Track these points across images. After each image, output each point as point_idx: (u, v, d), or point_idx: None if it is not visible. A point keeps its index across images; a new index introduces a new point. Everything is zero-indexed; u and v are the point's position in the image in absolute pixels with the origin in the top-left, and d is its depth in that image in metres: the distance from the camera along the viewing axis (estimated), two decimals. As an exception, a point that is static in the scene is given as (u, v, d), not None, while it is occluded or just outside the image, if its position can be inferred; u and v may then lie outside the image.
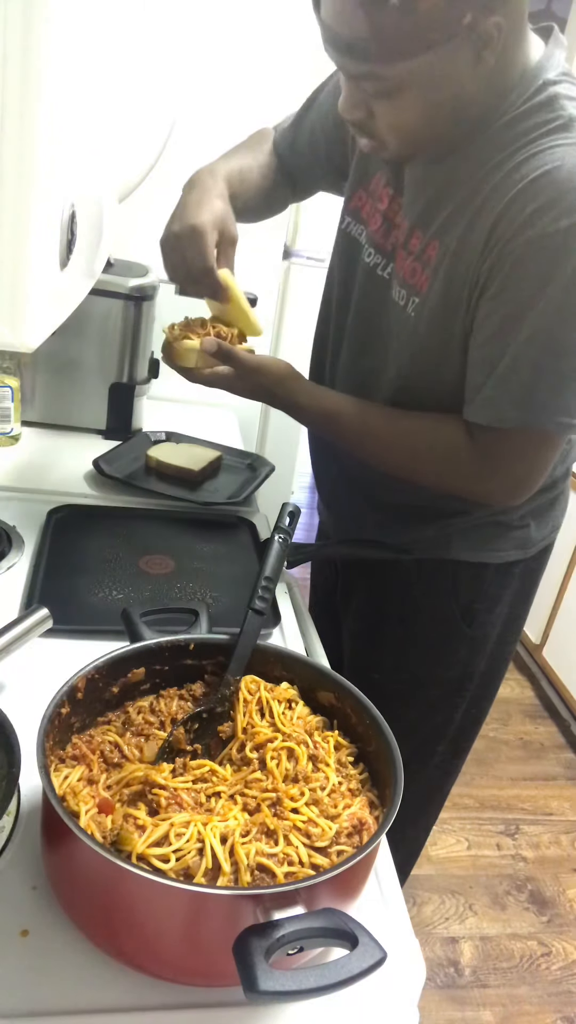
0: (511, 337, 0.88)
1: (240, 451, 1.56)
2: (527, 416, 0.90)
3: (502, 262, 0.87)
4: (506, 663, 1.25)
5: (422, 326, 0.97)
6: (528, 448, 0.94)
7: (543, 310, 0.85)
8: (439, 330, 0.96)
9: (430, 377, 0.99)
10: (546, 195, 0.83)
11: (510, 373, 0.89)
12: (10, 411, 1.40)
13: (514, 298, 0.87)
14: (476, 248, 0.89)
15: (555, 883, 1.95)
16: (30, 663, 0.86)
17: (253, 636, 0.78)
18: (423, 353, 0.99)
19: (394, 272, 1.02)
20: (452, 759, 1.29)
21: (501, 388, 0.90)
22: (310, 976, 0.50)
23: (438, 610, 1.14)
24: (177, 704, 0.77)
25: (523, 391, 0.89)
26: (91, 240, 0.91)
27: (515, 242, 0.85)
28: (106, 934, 0.61)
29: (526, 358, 0.88)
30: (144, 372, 1.56)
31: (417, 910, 1.81)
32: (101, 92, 0.86)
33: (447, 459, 0.98)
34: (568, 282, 0.83)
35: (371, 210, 1.06)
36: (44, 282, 0.68)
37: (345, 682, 0.76)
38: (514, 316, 0.87)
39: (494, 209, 0.87)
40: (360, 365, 1.10)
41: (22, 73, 0.57)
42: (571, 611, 2.41)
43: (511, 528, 1.10)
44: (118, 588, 1.08)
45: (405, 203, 1.00)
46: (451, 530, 1.09)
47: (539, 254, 0.84)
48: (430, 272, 0.95)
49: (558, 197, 0.82)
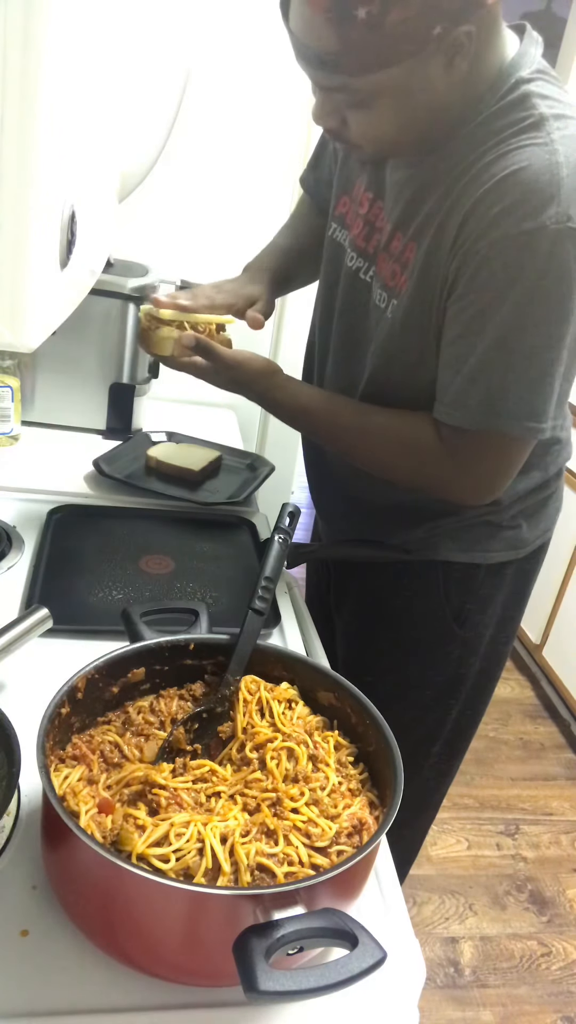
0: (478, 338, 0.88)
1: (240, 451, 1.56)
2: (495, 420, 0.89)
3: (468, 262, 0.87)
4: (501, 664, 1.25)
5: (399, 327, 0.98)
6: (496, 450, 0.94)
7: (509, 312, 0.85)
8: (415, 331, 0.96)
9: (407, 378, 0.99)
10: (511, 196, 0.82)
11: (478, 375, 0.89)
12: (10, 411, 1.40)
13: (479, 299, 0.87)
14: (446, 248, 0.89)
15: (555, 883, 1.95)
16: (30, 663, 0.86)
17: (253, 636, 0.78)
18: (401, 354, 0.99)
19: (375, 275, 1.03)
20: (448, 760, 1.29)
21: (469, 389, 0.90)
22: (310, 976, 0.50)
23: (429, 611, 1.14)
24: (177, 704, 0.77)
25: (491, 394, 0.89)
26: (91, 240, 0.91)
27: (480, 243, 0.85)
28: (106, 934, 0.61)
29: (494, 361, 0.88)
30: (144, 372, 1.56)
31: (417, 910, 1.81)
32: (101, 92, 0.86)
33: (415, 456, 0.99)
34: (532, 284, 0.83)
35: (353, 215, 1.07)
36: (44, 282, 0.68)
37: (345, 682, 0.76)
38: (480, 317, 0.87)
39: (463, 209, 0.87)
40: (345, 369, 1.11)
41: (22, 73, 0.57)
42: (571, 611, 2.41)
43: (502, 528, 1.10)
44: (118, 588, 1.08)
45: (387, 206, 1.00)
46: (440, 531, 1.09)
47: (503, 255, 0.83)
48: (408, 274, 0.96)
49: (523, 199, 0.82)
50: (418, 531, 1.10)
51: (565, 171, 0.81)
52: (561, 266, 0.82)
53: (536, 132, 0.84)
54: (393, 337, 0.99)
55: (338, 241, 1.11)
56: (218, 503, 1.34)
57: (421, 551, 1.11)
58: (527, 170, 0.82)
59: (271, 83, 1.71)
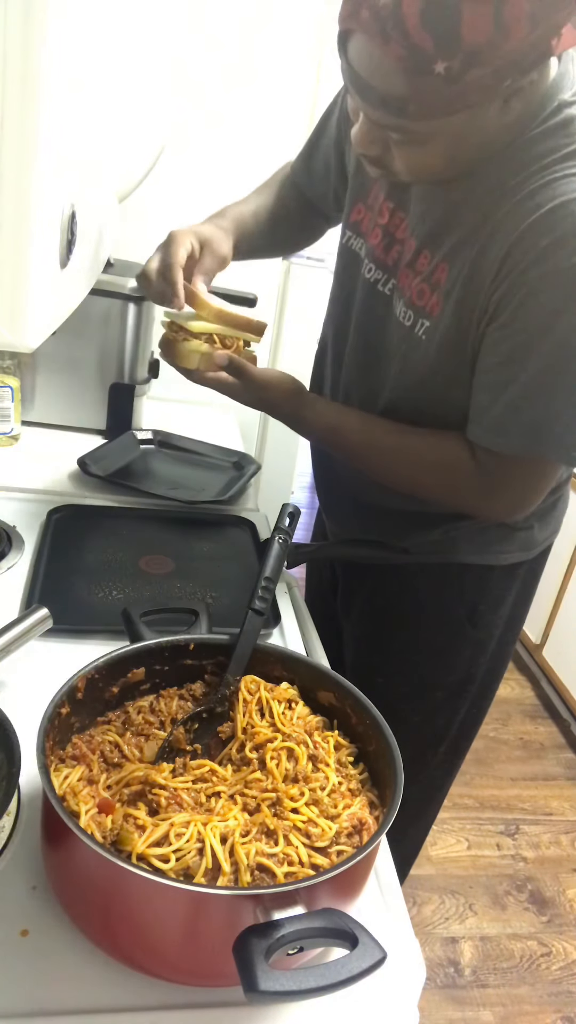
0: (521, 366, 0.88)
1: (227, 449, 1.56)
2: (538, 447, 0.91)
3: (513, 292, 0.86)
4: (506, 663, 1.25)
5: (433, 349, 0.97)
6: (532, 474, 0.96)
7: (556, 343, 0.85)
8: (450, 354, 0.95)
9: (435, 397, 0.99)
10: (562, 229, 0.81)
11: (521, 402, 0.89)
12: (10, 411, 1.40)
13: (525, 328, 0.86)
14: (487, 275, 0.88)
15: (555, 883, 1.95)
16: (30, 663, 0.86)
17: (253, 636, 0.78)
18: (432, 376, 0.98)
19: (397, 289, 1.01)
20: (452, 759, 1.29)
21: (511, 414, 0.90)
22: (310, 976, 0.50)
23: (444, 612, 1.14)
24: (177, 704, 0.77)
25: (535, 422, 0.89)
26: (91, 240, 0.91)
27: (528, 274, 0.84)
28: (106, 934, 0.61)
29: (539, 389, 0.88)
30: (144, 372, 1.56)
31: (417, 910, 1.81)
32: (101, 92, 0.86)
33: (449, 476, 0.99)
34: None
35: (371, 224, 1.05)
36: (44, 282, 0.68)
37: (345, 682, 0.76)
38: (525, 346, 0.87)
39: (507, 237, 0.85)
40: (365, 382, 1.10)
41: (22, 74, 0.57)
42: (571, 611, 2.41)
43: (516, 530, 1.10)
44: (118, 588, 1.08)
45: (411, 220, 0.98)
46: (457, 533, 1.09)
47: (554, 288, 0.83)
48: (440, 295, 0.94)
49: (574, 231, 0.81)
50: (434, 533, 1.10)
51: None
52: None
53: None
54: (427, 359, 0.98)
55: (354, 250, 1.09)
56: (204, 501, 1.34)
57: (436, 553, 1.11)
58: (573, 201, 0.81)
59: (272, 82, 1.71)
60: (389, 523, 1.14)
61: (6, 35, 0.55)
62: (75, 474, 1.36)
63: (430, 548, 1.11)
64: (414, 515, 1.10)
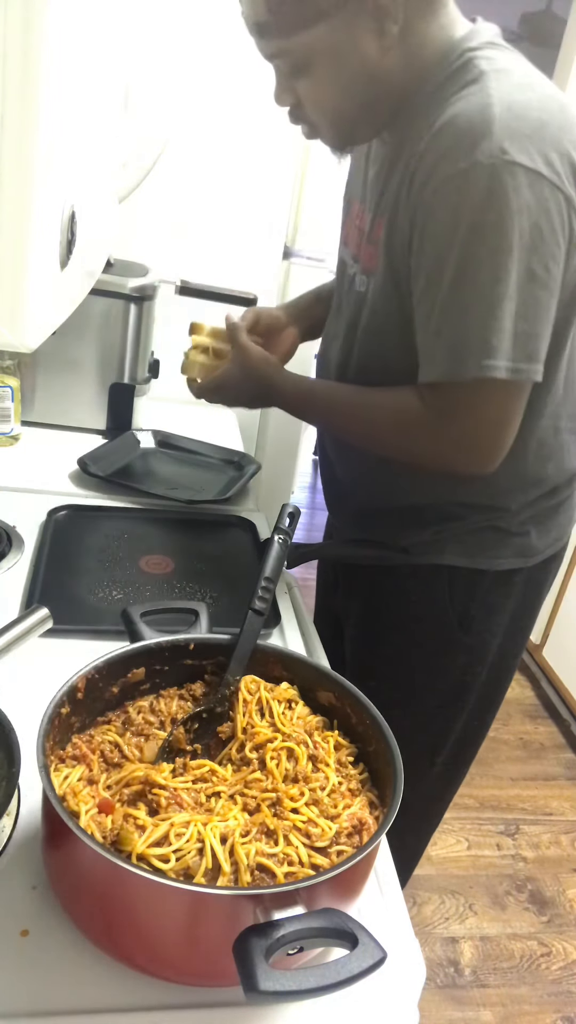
0: (437, 289, 0.88)
1: (227, 449, 1.56)
2: (460, 367, 0.88)
3: (418, 216, 0.89)
4: (510, 675, 1.23)
5: (378, 304, 1.00)
6: (471, 402, 0.92)
7: (458, 254, 0.85)
8: (392, 303, 0.97)
9: (396, 356, 0.99)
10: (447, 142, 0.84)
11: (441, 326, 0.89)
12: (10, 411, 1.40)
13: (433, 249, 0.88)
14: (403, 211, 0.92)
15: (555, 883, 1.95)
16: (30, 663, 0.86)
17: (253, 636, 0.78)
18: (385, 334, 1.01)
19: (360, 266, 1.06)
20: (453, 770, 1.27)
21: (434, 340, 0.90)
22: (310, 976, 0.50)
23: (433, 616, 1.13)
24: (177, 704, 0.77)
25: (453, 341, 0.88)
26: (91, 240, 0.91)
27: (424, 194, 0.87)
28: (106, 934, 0.61)
29: (451, 307, 0.88)
30: (144, 372, 1.56)
31: (417, 910, 1.81)
32: (101, 92, 0.86)
33: (403, 424, 0.99)
34: (475, 222, 0.83)
35: (352, 230, 1.09)
36: (44, 282, 0.68)
37: (345, 682, 0.76)
38: (436, 267, 0.88)
39: (411, 166, 0.90)
40: (344, 361, 1.12)
41: (22, 74, 0.57)
42: (571, 611, 2.41)
43: (510, 535, 1.09)
44: (118, 588, 1.08)
45: (368, 202, 1.03)
46: (446, 535, 1.08)
47: (446, 199, 0.85)
48: (378, 248, 0.98)
49: (456, 142, 0.83)
50: (423, 534, 1.10)
51: (497, 110, 0.82)
52: (500, 198, 0.81)
53: (475, 86, 0.86)
54: (375, 315, 1.01)
55: (342, 258, 1.13)
56: (204, 501, 1.34)
57: (425, 554, 1.10)
58: (459, 116, 0.84)
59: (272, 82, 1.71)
60: (382, 520, 1.14)
61: (6, 35, 0.55)
62: (75, 474, 1.36)
63: (420, 549, 1.10)
64: (405, 513, 1.10)
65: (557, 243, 0.85)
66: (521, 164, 0.81)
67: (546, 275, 0.85)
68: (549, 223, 0.83)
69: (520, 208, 0.81)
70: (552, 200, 0.83)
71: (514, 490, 1.05)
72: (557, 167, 0.83)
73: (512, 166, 0.81)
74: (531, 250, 0.83)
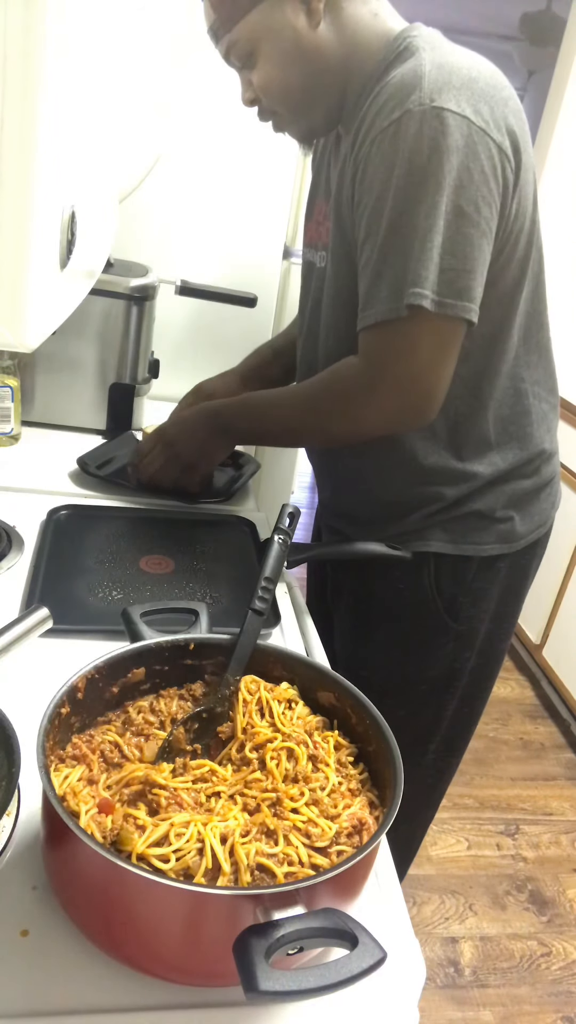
0: (375, 235, 0.93)
1: None
2: (392, 302, 0.92)
3: (358, 170, 0.95)
4: (499, 661, 1.25)
5: (332, 271, 1.04)
6: (406, 340, 0.94)
7: (394, 197, 0.90)
8: (345, 265, 1.02)
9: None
10: (383, 100, 0.90)
11: (382, 267, 0.92)
12: (10, 411, 1.40)
13: (370, 197, 0.93)
14: (347, 173, 0.98)
15: (555, 883, 1.95)
16: (30, 663, 0.86)
17: (253, 636, 0.78)
18: (345, 303, 1.03)
19: (316, 248, 1.12)
20: (447, 758, 1.29)
21: (375, 283, 0.93)
22: (310, 976, 0.50)
23: (421, 604, 1.14)
24: (177, 704, 0.77)
25: (394, 281, 0.91)
26: (91, 240, 0.91)
27: (363, 148, 0.93)
28: (106, 934, 0.61)
29: (390, 248, 0.91)
30: (144, 372, 1.56)
31: (417, 910, 1.81)
32: (101, 93, 0.86)
33: (340, 386, 1.02)
34: (408, 165, 0.88)
35: (316, 229, 1.14)
36: (44, 282, 0.68)
37: (345, 682, 0.76)
38: (375, 214, 0.92)
39: (356, 134, 0.96)
40: (311, 344, 1.16)
41: (23, 74, 0.57)
42: (571, 611, 2.41)
43: (493, 521, 1.10)
44: (118, 588, 1.08)
45: (330, 192, 1.08)
46: (431, 522, 1.10)
47: (380, 148, 0.90)
48: (330, 219, 1.04)
49: (390, 97, 0.90)
50: (408, 522, 1.11)
51: (428, 67, 0.89)
52: (431, 140, 0.87)
53: (411, 58, 0.92)
54: (333, 285, 1.05)
55: (308, 260, 1.17)
56: (204, 501, 1.33)
57: (411, 543, 1.11)
58: (395, 77, 0.91)
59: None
60: (365, 510, 1.15)
61: (6, 36, 0.55)
62: (75, 474, 1.36)
63: (406, 538, 1.11)
64: (390, 504, 1.12)
65: (488, 185, 0.90)
66: (449, 109, 0.87)
67: (476, 215, 0.90)
68: (479, 165, 0.89)
69: (448, 148, 0.87)
70: (481, 144, 0.88)
71: (479, 455, 1.07)
72: (485, 116, 0.88)
73: (441, 111, 0.87)
74: (459, 188, 0.88)
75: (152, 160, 1.38)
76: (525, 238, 0.98)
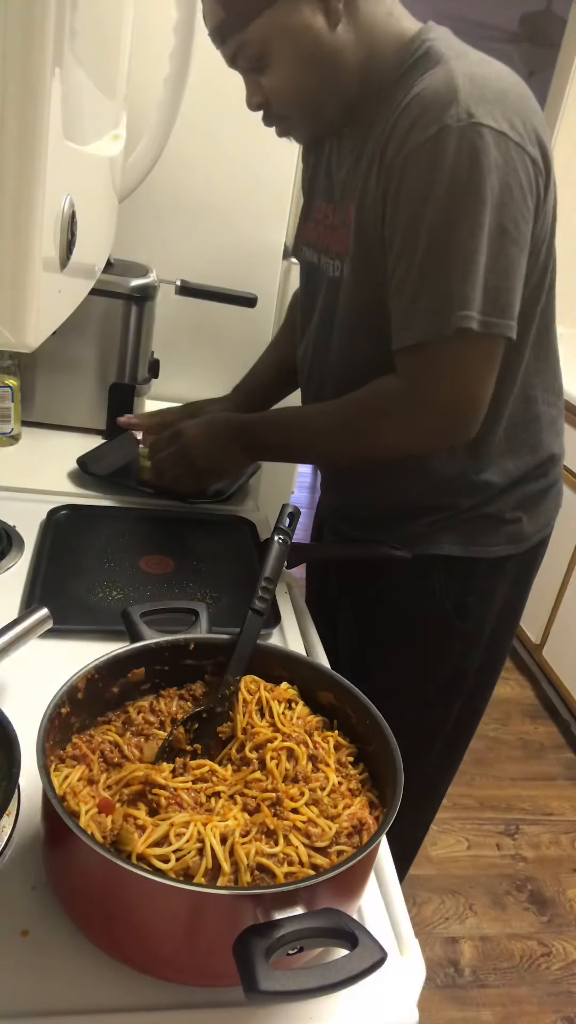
0: (411, 254, 0.91)
1: None
2: (438, 322, 0.90)
3: (391, 185, 0.92)
4: (502, 659, 1.25)
5: (352, 282, 1.01)
6: (450, 359, 0.93)
7: (433, 216, 0.88)
8: (367, 277, 0.99)
9: (378, 340, 0.99)
10: (416, 112, 0.88)
11: (420, 285, 0.91)
12: (10, 411, 1.40)
13: (407, 215, 0.90)
14: (373, 187, 0.95)
15: (555, 883, 1.95)
16: (30, 663, 0.86)
17: (253, 636, 0.78)
18: (364, 316, 1.02)
19: (327, 256, 1.09)
20: (449, 756, 1.29)
21: (412, 305, 0.92)
22: (310, 976, 0.50)
23: (431, 606, 1.14)
24: (177, 704, 0.77)
25: (434, 302, 0.90)
26: (91, 240, 0.91)
27: (396, 163, 0.90)
28: (106, 934, 0.61)
29: (431, 268, 0.90)
30: (144, 372, 1.56)
31: (417, 910, 1.81)
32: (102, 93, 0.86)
33: (379, 404, 1.00)
34: (448, 182, 0.87)
35: (318, 230, 1.11)
36: (44, 282, 0.68)
37: (345, 682, 0.76)
38: (409, 232, 0.91)
39: (381, 144, 0.93)
40: (322, 354, 1.13)
41: (23, 73, 0.57)
42: (571, 611, 2.41)
43: (503, 522, 1.10)
44: (118, 588, 1.08)
45: (335, 200, 1.05)
46: (440, 525, 1.10)
47: (417, 164, 0.88)
48: (349, 230, 1.00)
49: (424, 111, 0.87)
50: (418, 525, 1.10)
51: (461, 80, 0.87)
52: (470, 157, 0.86)
53: (438, 66, 0.90)
54: (352, 295, 1.02)
55: (308, 260, 1.15)
56: (204, 501, 1.33)
57: (420, 546, 1.11)
58: (427, 89, 0.88)
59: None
60: (377, 513, 1.15)
61: (6, 35, 0.55)
62: (75, 474, 1.36)
63: (415, 541, 1.11)
64: (401, 510, 1.11)
65: (525, 201, 0.89)
66: (487, 125, 0.85)
67: (516, 232, 0.89)
68: (517, 181, 0.88)
69: (490, 166, 0.86)
70: (518, 160, 0.87)
71: (493, 464, 1.07)
72: (520, 130, 0.87)
73: (479, 127, 0.85)
74: (501, 206, 0.87)
75: (153, 159, 1.38)
76: (546, 248, 0.97)
